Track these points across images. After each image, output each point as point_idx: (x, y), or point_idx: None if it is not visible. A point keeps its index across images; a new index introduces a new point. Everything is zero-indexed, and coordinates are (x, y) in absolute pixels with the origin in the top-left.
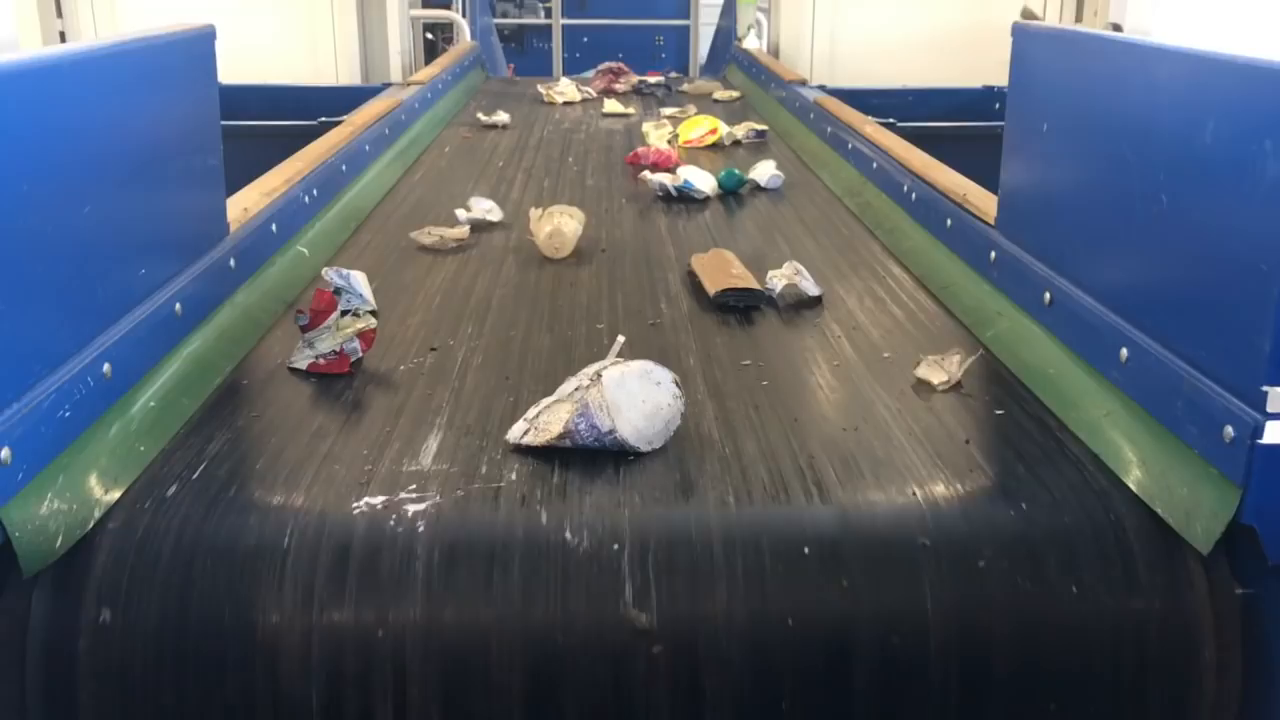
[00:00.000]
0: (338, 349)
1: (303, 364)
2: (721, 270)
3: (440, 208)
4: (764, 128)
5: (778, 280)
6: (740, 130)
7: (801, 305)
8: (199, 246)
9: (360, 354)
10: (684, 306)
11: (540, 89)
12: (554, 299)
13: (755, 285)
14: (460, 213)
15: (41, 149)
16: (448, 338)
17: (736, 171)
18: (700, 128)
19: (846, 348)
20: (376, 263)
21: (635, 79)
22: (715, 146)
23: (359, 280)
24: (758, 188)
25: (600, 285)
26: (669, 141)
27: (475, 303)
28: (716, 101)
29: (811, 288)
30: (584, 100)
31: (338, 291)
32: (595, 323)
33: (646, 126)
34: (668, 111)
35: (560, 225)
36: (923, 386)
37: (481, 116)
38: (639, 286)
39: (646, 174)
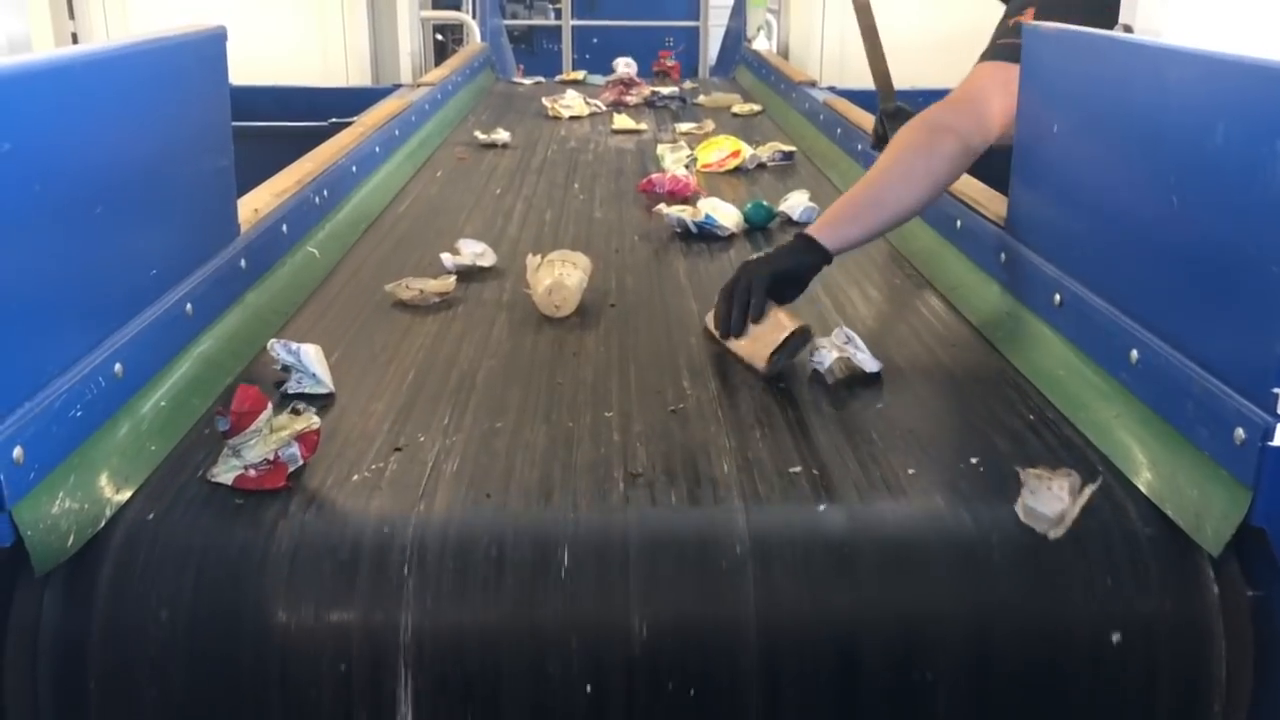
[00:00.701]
0: (270, 457)
1: (227, 478)
2: (760, 329)
3: (425, 248)
4: (791, 149)
5: (826, 353)
6: (765, 151)
7: (855, 382)
8: (210, 247)
9: (301, 462)
10: (711, 384)
11: (545, 102)
12: (552, 374)
13: (798, 324)
14: (446, 258)
15: (54, 150)
16: (418, 431)
17: (764, 203)
18: (720, 149)
19: (917, 447)
20: (342, 324)
21: (647, 90)
22: (738, 171)
23: (311, 356)
24: (789, 221)
25: (609, 354)
26: (686, 166)
27: (457, 380)
28: (736, 116)
29: (869, 362)
30: (592, 114)
31: (285, 369)
32: (602, 409)
33: (661, 149)
34: (683, 128)
35: (562, 278)
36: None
37: (479, 135)
38: (655, 355)
39: (662, 207)
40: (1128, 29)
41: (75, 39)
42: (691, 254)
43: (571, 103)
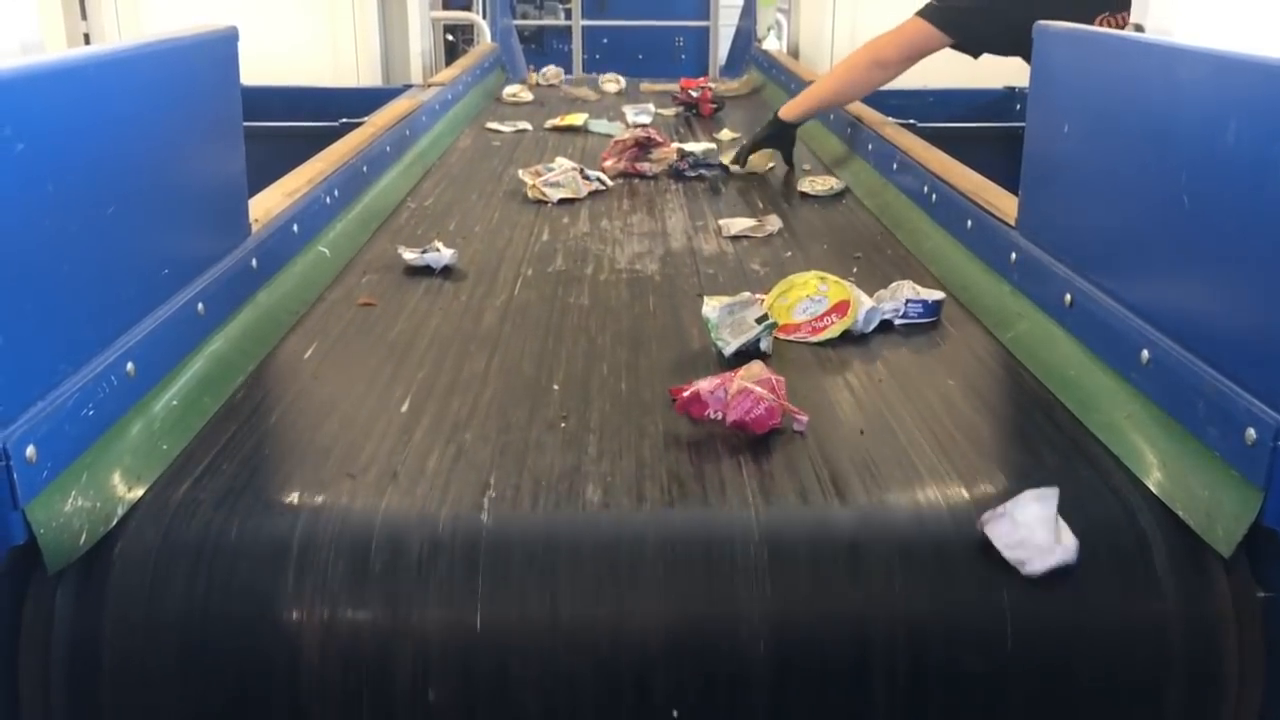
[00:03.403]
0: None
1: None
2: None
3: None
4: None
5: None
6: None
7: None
8: (221, 247)
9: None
10: None
11: (523, 177)
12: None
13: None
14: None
15: (66, 150)
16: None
17: None
18: (813, 299)
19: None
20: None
21: (671, 151)
22: (846, 338)
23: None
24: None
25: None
26: (759, 340)
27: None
28: (808, 197)
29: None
30: (593, 193)
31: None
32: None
33: (712, 310)
34: (735, 226)
35: None
36: None
37: (406, 254)
38: None
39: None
40: (1139, 28)
41: (87, 40)
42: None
43: (562, 178)
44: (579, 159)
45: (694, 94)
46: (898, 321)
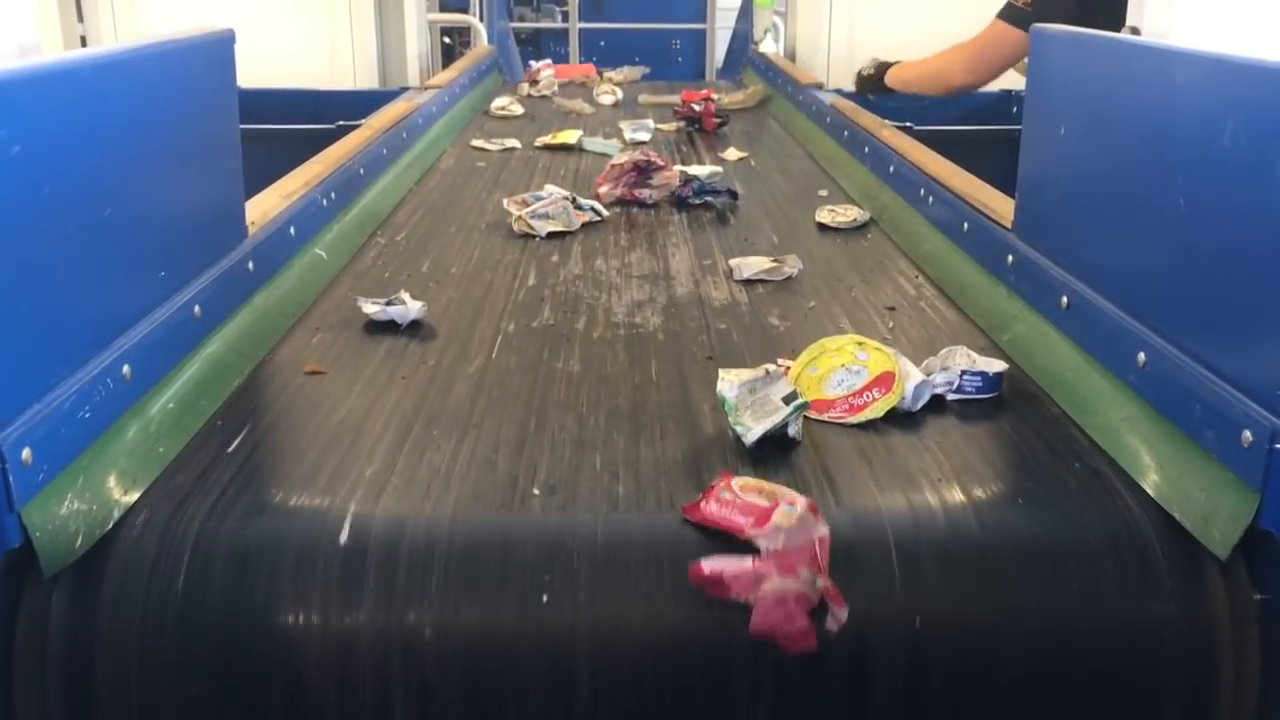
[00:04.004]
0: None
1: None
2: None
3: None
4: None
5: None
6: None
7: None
8: (218, 249)
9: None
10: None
11: (508, 207)
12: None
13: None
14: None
15: (63, 152)
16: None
17: None
18: (850, 370)
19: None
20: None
21: (674, 175)
22: (890, 419)
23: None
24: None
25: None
26: (788, 425)
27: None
28: (827, 228)
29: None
30: (588, 225)
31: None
32: None
33: (727, 387)
34: (751, 267)
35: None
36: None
37: (367, 307)
38: None
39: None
40: (1135, 31)
41: (84, 42)
42: None
43: (551, 209)
44: (572, 182)
45: (696, 107)
46: (951, 397)
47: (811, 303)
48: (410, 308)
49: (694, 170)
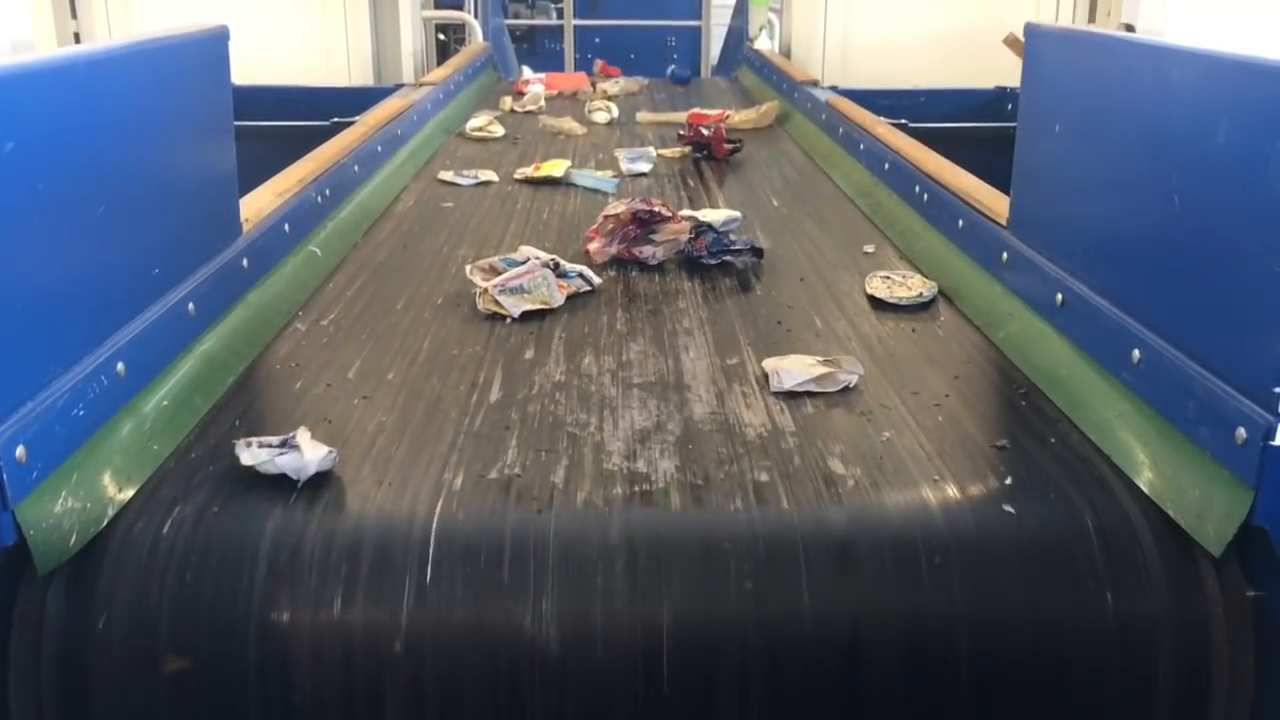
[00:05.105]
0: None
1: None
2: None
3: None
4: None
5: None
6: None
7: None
8: (212, 246)
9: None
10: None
11: (472, 277)
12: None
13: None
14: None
15: (57, 149)
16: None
17: None
18: None
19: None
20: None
21: (682, 227)
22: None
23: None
24: None
25: None
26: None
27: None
28: (883, 304)
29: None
30: (576, 294)
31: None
32: None
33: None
34: (794, 373)
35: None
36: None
37: (246, 456)
38: None
39: None
40: (1130, 28)
41: (78, 39)
42: None
43: (527, 280)
44: (556, 231)
45: (706, 131)
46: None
47: (886, 433)
48: (308, 459)
49: (706, 215)
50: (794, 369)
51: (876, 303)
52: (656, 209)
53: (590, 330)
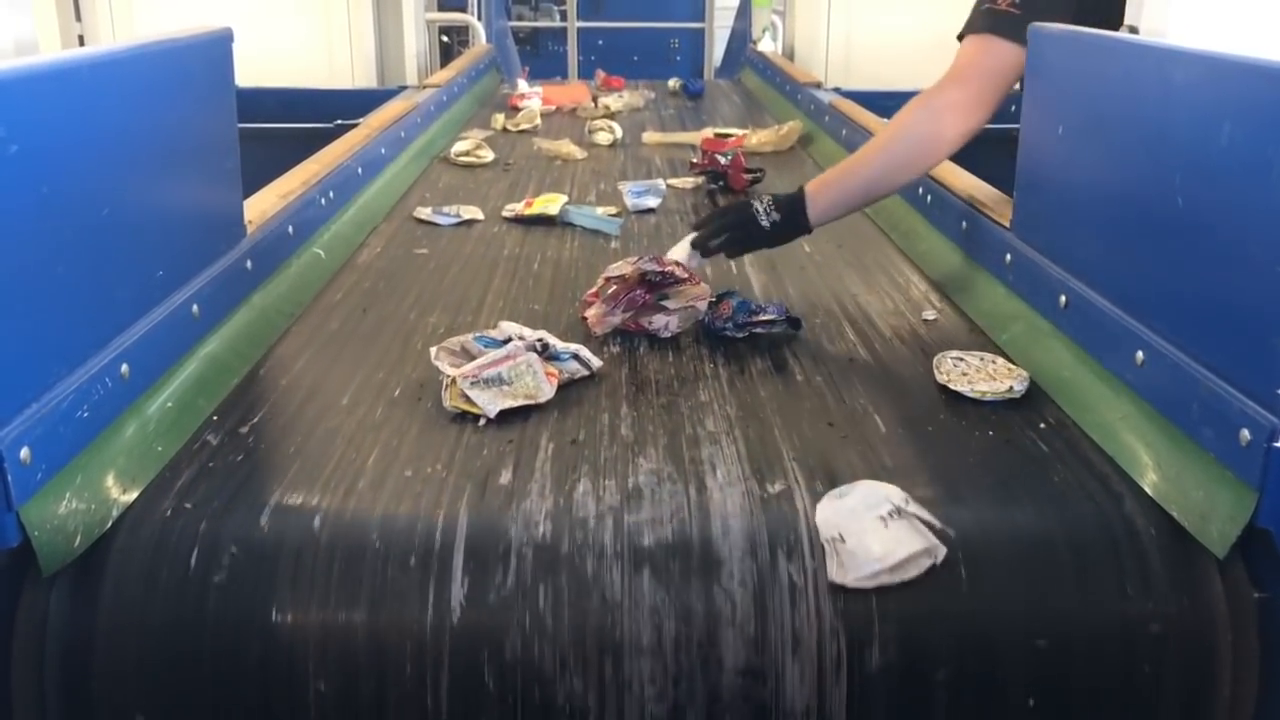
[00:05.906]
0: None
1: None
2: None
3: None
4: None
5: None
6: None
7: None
8: (216, 248)
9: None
10: None
11: (438, 364)
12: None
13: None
14: None
15: (61, 152)
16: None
17: None
18: None
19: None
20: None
21: (702, 292)
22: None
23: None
24: None
25: None
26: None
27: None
28: (960, 398)
29: None
30: (566, 386)
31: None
32: None
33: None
34: (865, 561)
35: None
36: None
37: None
38: None
39: None
40: (1133, 30)
41: (81, 41)
42: None
43: (506, 369)
44: (548, 288)
45: (723, 159)
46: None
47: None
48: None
49: (735, 298)
50: (863, 542)
51: (949, 394)
52: (670, 271)
53: (588, 436)
